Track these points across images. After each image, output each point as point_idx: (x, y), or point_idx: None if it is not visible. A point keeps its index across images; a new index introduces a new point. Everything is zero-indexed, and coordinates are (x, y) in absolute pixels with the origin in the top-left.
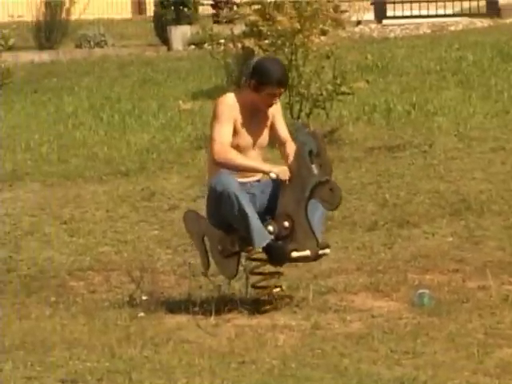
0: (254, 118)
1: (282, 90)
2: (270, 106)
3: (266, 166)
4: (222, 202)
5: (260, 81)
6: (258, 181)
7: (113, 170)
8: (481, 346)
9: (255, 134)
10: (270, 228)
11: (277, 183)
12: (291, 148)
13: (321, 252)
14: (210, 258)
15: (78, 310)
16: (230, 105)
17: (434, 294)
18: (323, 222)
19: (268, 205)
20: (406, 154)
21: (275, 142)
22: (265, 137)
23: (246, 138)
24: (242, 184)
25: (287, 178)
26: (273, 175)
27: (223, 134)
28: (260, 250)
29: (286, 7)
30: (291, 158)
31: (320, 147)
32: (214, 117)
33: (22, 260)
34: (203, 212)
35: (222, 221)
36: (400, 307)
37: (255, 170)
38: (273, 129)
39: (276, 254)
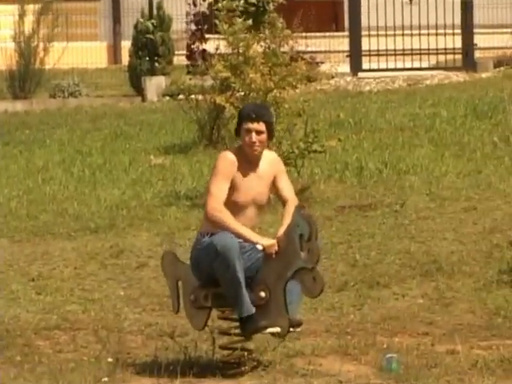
0: (252, 174)
1: (256, 124)
2: (251, 145)
3: (254, 237)
4: (218, 261)
5: (238, 122)
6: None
7: (82, 227)
8: None
9: (253, 192)
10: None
11: (263, 253)
12: (291, 206)
13: (291, 330)
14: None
15: (43, 370)
16: (229, 161)
17: (403, 358)
18: (301, 296)
19: (250, 271)
20: (378, 213)
21: (279, 200)
22: (263, 194)
23: (243, 195)
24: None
25: (273, 252)
26: (259, 247)
27: (219, 190)
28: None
29: (256, 62)
30: (284, 225)
31: (312, 233)
32: (214, 172)
33: None
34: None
35: (207, 275)
36: (368, 372)
37: (243, 238)
38: (275, 188)
39: (248, 325)
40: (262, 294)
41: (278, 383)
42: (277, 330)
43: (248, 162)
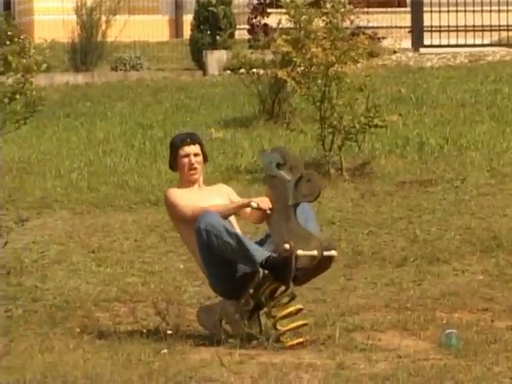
0: (207, 194)
1: (192, 146)
2: (192, 169)
3: (242, 200)
4: (212, 239)
5: (171, 154)
6: None
7: (142, 199)
8: None
9: (218, 201)
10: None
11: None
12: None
13: (327, 253)
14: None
15: (102, 342)
16: (178, 191)
17: (462, 334)
18: (317, 228)
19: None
20: (438, 188)
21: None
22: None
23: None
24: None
25: (268, 205)
26: (254, 204)
27: (190, 205)
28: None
29: (318, 36)
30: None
31: (284, 154)
32: (171, 206)
33: (48, 289)
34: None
35: (220, 262)
36: (427, 347)
37: (237, 207)
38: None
39: (282, 270)
40: (286, 246)
41: (337, 358)
42: (313, 252)
43: (192, 190)
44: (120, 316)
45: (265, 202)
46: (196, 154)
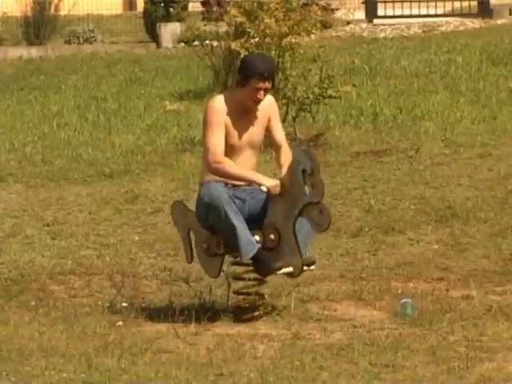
0: (245, 117)
1: (267, 83)
2: (257, 101)
3: (259, 178)
4: (210, 212)
5: (244, 75)
6: (250, 185)
7: (97, 172)
8: (462, 360)
9: (248, 134)
10: (257, 237)
11: (268, 194)
12: (286, 154)
13: (305, 268)
14: (194, 252)
15: (57, 315)
16: (218, 109)
17: (417, 304)
18: (312, 235)
19: (257, 212)
20: (392, 158)
21: (271, 144)
22: (258, 136)
23: (238, 139)
24: (235, 188)
25: (277, 192)
26: (264, 188)
27: (216, 142)
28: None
29: (271, 7)
30: (285, 166)
31: (314, 167)
32: (205, 124)
33: (3, 263)
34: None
35: (211, 226)
36: (382, 317)
37: (249, 181)
38: (268, 131)
39: (261, 266)
40: (272, 236)
41: (292, 328)
42: (290, 269)
43: (243, 109)
44: (75, 289)
45: (275, 188)
46: (266, 90)
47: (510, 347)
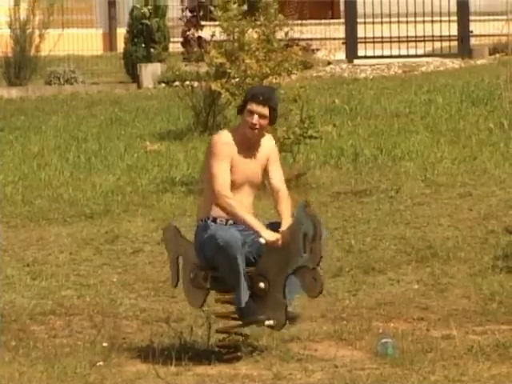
0: (248, 155)
1: (261, 107)
2: (251, 127)
3: (259, 227)
4: (220, 255)
5: (243, 101)
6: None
7: (77, 212)
8: None
9: (249, 171)
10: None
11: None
12: (284, 200)
13: (288, 323)
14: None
15: (37, 355)
16: (226, 142)
17: (398, 343)
18: (299, 289)
19: (251, 257)
20: (373, 199)
21: (269, 188)
22: (258, 174)
23: (240, 175)
24: (235, 224)
25: (275, 245)
26: (262, 241)
27: (223, 172)
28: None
29: (251, 48)
30: (284, 215)
31: (316, 234)
32: (212, 155)
33: None
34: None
35: (209, 261)
36: (363, 356)
37: (250, 227)
38: (266, 173)
39: (246, 316)
40: (262, 284)
41: (273, 368)
42: (271, 323)
43: (244, 143)
44: (55, 329)
45: (274, 242)
46: (262, 116)
47: None
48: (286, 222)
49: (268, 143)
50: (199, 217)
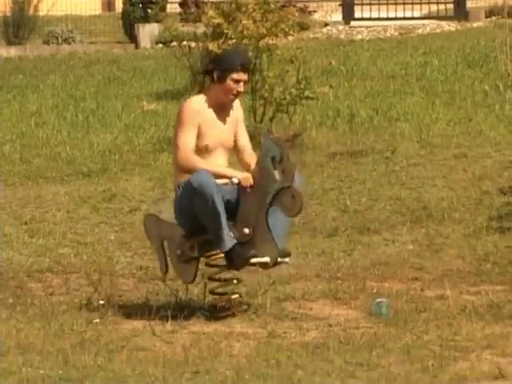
0: (220, 118)
1: (246, 75)
2: (236, 95)
3: (229, 171)
4: (197, 198)
5: (223, 68)
6: (226, 184)
7: (75, 171)
8: (436, 359)
9: (221, 134)
10: (231, 233)
11: (240, 189)
12: (250, 156)
13: (280, 260)
14: (169, 262)
15: (34, 312)
16: (194, 109)
17: (392, 303)
18: (287, 228)
19: (230, 210)
20: (368, 159)
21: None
22: (230, 137)
23: (213, 139)
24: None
25: (249, 184)
26: (235, 180)
27: (187, 141)
28: (221, 255)
29: (249, 9)
30: (252, 165)
31: (283, 154)
32: (178, 122)
33: None
34: (163, 216)
35: (191, 219)
36: (358, 316)
37: (219, 175)
38: (234, 134)
39: (236, 259)
40: (246, 230)
41: (268, 326)
42: (266, 259)
43: (218, 108)
44: (53, 287)
45: (246, 180)
46: (245, 82)
47: (484, 346)
48: (253, 163)
49: (236, 104)
50: (174, 184)
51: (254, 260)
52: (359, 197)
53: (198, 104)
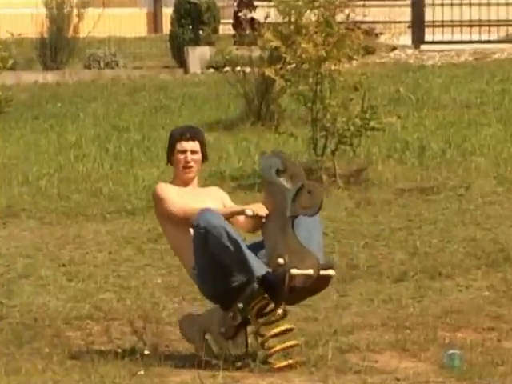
0: (195, 195)
1: (191, 142)
2: (186, 167)
3: (237, 207)
4: (209, 239)
5: (170, 147)
6: None
7: (117, 208)
8: None
9: (206, 204)
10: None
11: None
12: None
13: (323, 272)
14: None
15: (73, 363)
16: (166, 185)
17: (466, 355)
18: (321, 243)
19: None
20: (440, 197)
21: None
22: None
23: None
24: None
25: (264, 213)
26: (249, 212)
27: (179, 202)
28: (262, 297)
29: (309, 31)
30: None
31: (285, 160)
32: (158, 201)
33: (15, 306)
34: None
35: (214, 265)
36: (428, 369)
37: (231, 214)
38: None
39: (277, 287)
40: (280, 260)
41: (329, 380)
42: (309, 271)
43: (185, 190)
44: (93, 335)
45: (261, 209)
46: (194, 152)
47: None
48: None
49: (218, 191)
50: (188, 268)
51: (294, 272)
52: (430, 238)
53: (170, 185)
